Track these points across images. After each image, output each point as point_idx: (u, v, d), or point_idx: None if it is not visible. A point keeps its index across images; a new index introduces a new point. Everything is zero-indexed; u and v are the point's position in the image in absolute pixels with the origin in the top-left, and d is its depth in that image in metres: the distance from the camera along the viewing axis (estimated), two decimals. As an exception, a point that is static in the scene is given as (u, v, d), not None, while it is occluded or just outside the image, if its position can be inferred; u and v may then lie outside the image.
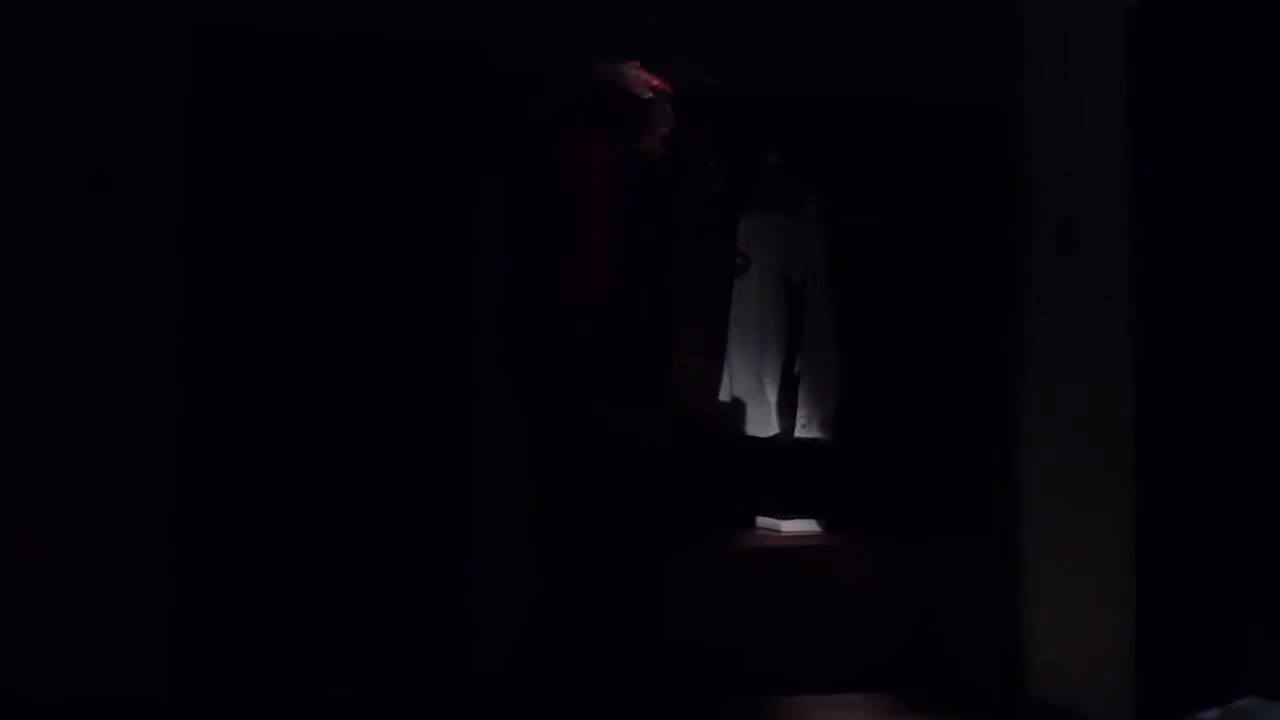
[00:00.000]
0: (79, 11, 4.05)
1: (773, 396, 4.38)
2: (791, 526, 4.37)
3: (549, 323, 3.41)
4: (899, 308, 4.55)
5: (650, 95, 3.50)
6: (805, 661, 4.38)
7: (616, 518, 3.58)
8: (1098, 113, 4.08)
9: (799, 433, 4.30)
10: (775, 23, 4.55)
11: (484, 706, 4.12)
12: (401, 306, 4.31)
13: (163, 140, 4.09)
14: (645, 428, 3.98)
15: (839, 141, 4.52)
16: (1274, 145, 3.35)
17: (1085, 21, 4.18)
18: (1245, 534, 3.41)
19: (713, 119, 4.37)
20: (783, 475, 4.47)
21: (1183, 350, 3.67)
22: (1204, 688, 3.13)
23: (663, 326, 4.35)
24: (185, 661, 4.07)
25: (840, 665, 4.38)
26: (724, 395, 4.42)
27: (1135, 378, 3.84)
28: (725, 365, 4.43)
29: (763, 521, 4.47)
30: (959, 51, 4.65)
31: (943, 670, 4.41)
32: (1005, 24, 4.63)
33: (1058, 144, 4.33)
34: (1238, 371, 3.46)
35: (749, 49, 4.52)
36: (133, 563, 4.03)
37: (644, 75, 3.51)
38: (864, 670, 4.40)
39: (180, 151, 4.11)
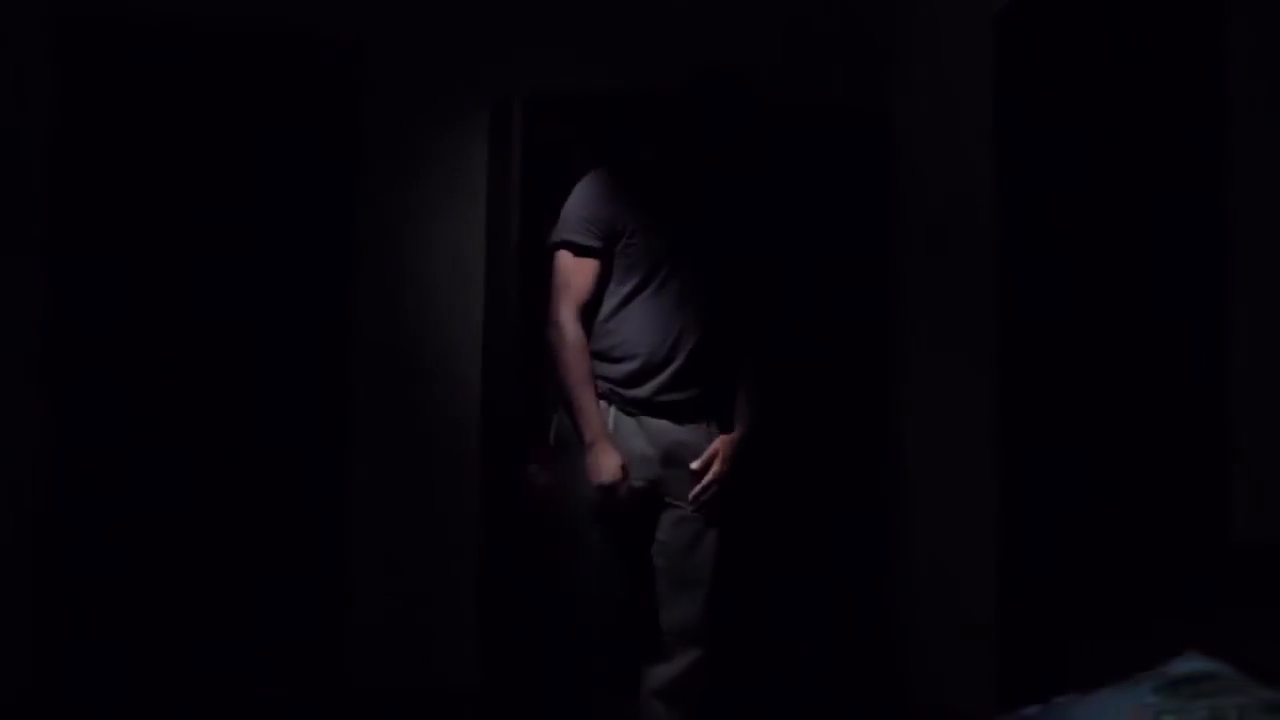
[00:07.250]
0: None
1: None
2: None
3: None
4: (777, 308, 4.54)
5: None
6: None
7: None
8: (967, 115, 4.11)
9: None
10: (650, 23, 4.58)
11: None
12: (279, 297, 4.32)
13: (28, 139, 4.07)
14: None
15: (713, 143, 4.50)
16: (1133, 149, 3.37)
17: (956, 23, 4.20)
18: (1096, 534, 3.47)
19: (591, 117, 4.37)
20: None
21: (1043, 355, 3.71)
22: (1057, 683, 3.18)
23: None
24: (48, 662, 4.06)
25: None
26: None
27: (997, 383, 3.88)
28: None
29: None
30: (836, 53, 4.69)
31: (822, 662, 4.43)
32: (881, 25, 4.66)
33: (930, 147, 4.35)
34: (1096, 376, 3.50)
35: (628, 49, 4.55)
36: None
37: None
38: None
39: (45, 150, 4.09)
